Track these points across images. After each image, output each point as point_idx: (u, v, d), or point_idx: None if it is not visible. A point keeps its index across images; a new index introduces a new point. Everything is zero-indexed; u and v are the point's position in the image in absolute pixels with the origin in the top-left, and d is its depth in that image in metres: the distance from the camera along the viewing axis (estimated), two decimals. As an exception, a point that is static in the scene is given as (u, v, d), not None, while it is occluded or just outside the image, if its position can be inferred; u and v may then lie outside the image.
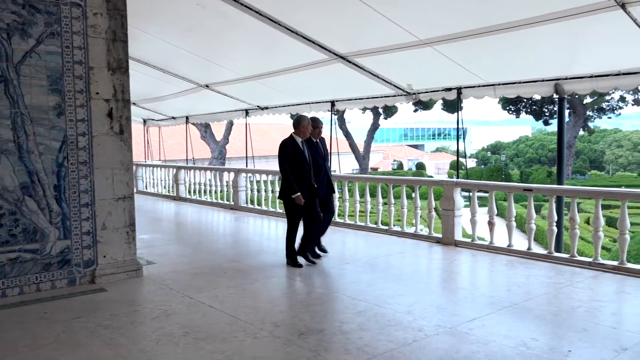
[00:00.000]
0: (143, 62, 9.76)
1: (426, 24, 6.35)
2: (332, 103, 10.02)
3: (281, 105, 11.34)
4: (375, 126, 36.67)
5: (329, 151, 7.28)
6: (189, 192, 14.04)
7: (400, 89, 8.51)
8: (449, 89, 8.07)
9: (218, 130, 30.18)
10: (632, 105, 34.26)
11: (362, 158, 35.29)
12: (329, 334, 4.23)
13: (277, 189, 10.95)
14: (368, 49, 7.36)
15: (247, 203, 11.90)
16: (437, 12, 6.08)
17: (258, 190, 11.59)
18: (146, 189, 16.06)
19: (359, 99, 9.63)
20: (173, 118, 15.19)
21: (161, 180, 15.45)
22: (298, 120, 6.47)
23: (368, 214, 9.11)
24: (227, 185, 12.72)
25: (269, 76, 9.26)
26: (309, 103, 10.61)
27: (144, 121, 16.47)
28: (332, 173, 10.84)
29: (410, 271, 6.52)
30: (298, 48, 7.48)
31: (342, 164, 11.05)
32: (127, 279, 5.87)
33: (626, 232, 6.11)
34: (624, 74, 6.30)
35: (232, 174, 12.34)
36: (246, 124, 12.88)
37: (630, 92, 31.19)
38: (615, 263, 6.13)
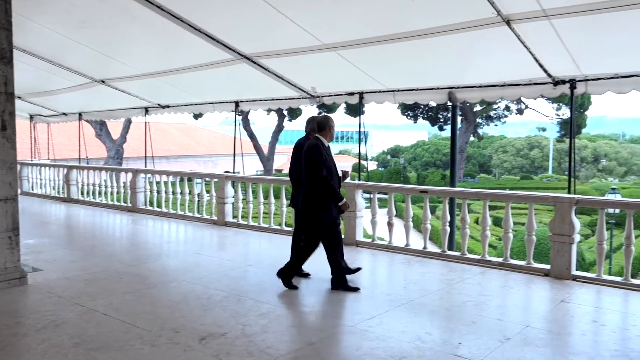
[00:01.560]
0: (30, 53, 9.02)
1: (330, 29, 6.47)
2: (237, 103, 9.90)
3: (183, 104, 11.01)
4: (279, 128, 36.75)
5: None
6: (82, 193, 13.21)
7: (304, 91, 8.60)
8: (352, 94, 8.29)
9: (115, 129, 28.66)
10: (516, 114, 37.32)
11: (266, 159, 35.22)
12: (232, 338, 4.16)
13: (179, 190, 10.64)
14: (273, 51, 7.35)
15: (145, 205, 11.42)
16: (341, 18, 6.21)
17: (158, 192, 11.17)
18: (32, 190, 14.89)
19: (264, 100, 9.61)
20: (64, 114, 14.20)
21: (50, 181, 14.41)
22: (325, 120, 5.50)
23: (272, 216, 9.11)
24: (124, 186, 12.12)
25: (171, 74, 8.95)
26: (212, 103, 10.41)
27: (31, 117, 15.24)
28: (237, 174, 10.75)
29: (313, 271, 6.60)
30: (201, 46, 7.30)
31: (246, 165, 10.96)
32: (9, 288, 5.39)
33: (510, 230, 6.63)
34: (508, 85, 6.84)
35: (130, 175, 11.79)
36: (146, 122, 12.35)
37: (514, 102, 33.96)
38: (500, 260, 6.64)
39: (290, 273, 5.64)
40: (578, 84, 6.27)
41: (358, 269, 5.89)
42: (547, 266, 6.26)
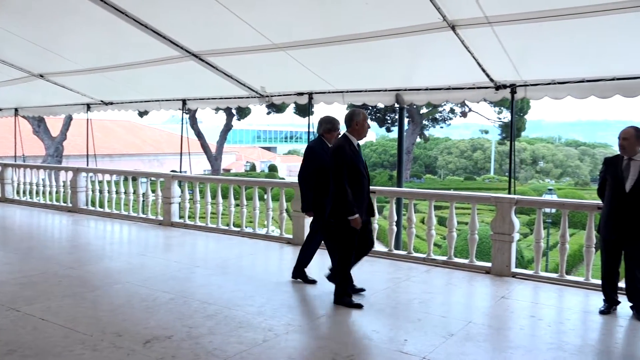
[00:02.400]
0: (-39, 44, 8.52)
1: (280, 29, 6.45)
2: (184, 102, 9.71)
3: (128, 101, 10.69)
4: (228, 127, 36.36)
5: None
6: (18, 192, 12.57)
7: (253, 90, 8.54)
8: (301, 94, 8.30)
9: (54, 125, 27.44)
10: (460, 116, 38.50)
11: (214, 159, 34.76)
12: (177, 340, 4.08)
13: (123, 189, 10.33)
14: (222, 49, 7.26)
15: (87, 205, 11.01)
16: (290, 18, 6.21)
17: (100, 191, 10.79)
18: (-37, 189, 14.04)
19: (212, 98, 9.47)
20: (-1, 109, 13.49)
21: (-17, 180, 13.62)
22: (351, 116, 5.00)
23: (220, 216, 8.99)
24: (64, 186, 11.63)
25: (115, 69, 8.66)
26: (158, 100, 10.16)
27: (-38, 112, 14.38)
28: (183, 174, 10.55)
29: (261, 272, 6.58)
30: (148, 42, 7.11)
31: (193, 164, 10.75)
32: (-64, 293, 5.07)
33: (454, 230, 6.82)
34: (453, 88, 7.03)
35: (70, 173, 11.33)
36: (88, 119, 11.91)
37: (459, 105, 35.02)
38: (444, 258, 6.82)
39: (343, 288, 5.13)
40: (518, 89, 6.53)
41: (313, 281, 5.84)
42: (489, 264, 6.49)
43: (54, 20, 7.33)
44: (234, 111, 34.10)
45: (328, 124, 5.56)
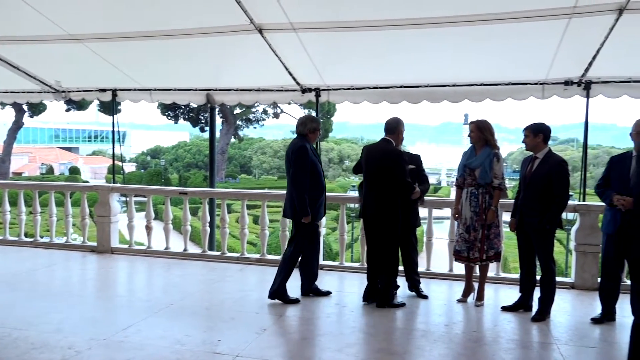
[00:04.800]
0: None
1: (77, 20, 5.91)
2: (-43, 94, 8.32)
3: None
4: (18, 125, 32.26)
5: None
6: None
7: (47, 85, 7.68)
8: (104, 90, 7.72)
9: None
10: (273, 117, 39.67)
11: (1, 161, 30.52)
12: (-49, 374, 3.50)
13: None
14: (4, 37, 6.39)
15: None
16: (88, 8, 5.73)
17: None
18: None
19: (-6, 92, 8.28)
20: None
21: None
22: (397, 124, 5.18)
23: (7, 226, 7.92)
24: None
25: None
26: None
27: None
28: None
29: (59, 285, 5.97)
30: None
31: (-28, 167, 9.29)
32: None
33: (266, 228, 7.01)
34: (262, 90, 7.21)
35: None
36: None
37: (270, 106, 36.07)
38: (258, 256, 6.97)
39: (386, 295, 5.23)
40: (322, 93, 6.95)
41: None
42: (299, 258, 6.79)
43: None
44: (25, 107, 30.30)
45: (314, 122, 5.36)
